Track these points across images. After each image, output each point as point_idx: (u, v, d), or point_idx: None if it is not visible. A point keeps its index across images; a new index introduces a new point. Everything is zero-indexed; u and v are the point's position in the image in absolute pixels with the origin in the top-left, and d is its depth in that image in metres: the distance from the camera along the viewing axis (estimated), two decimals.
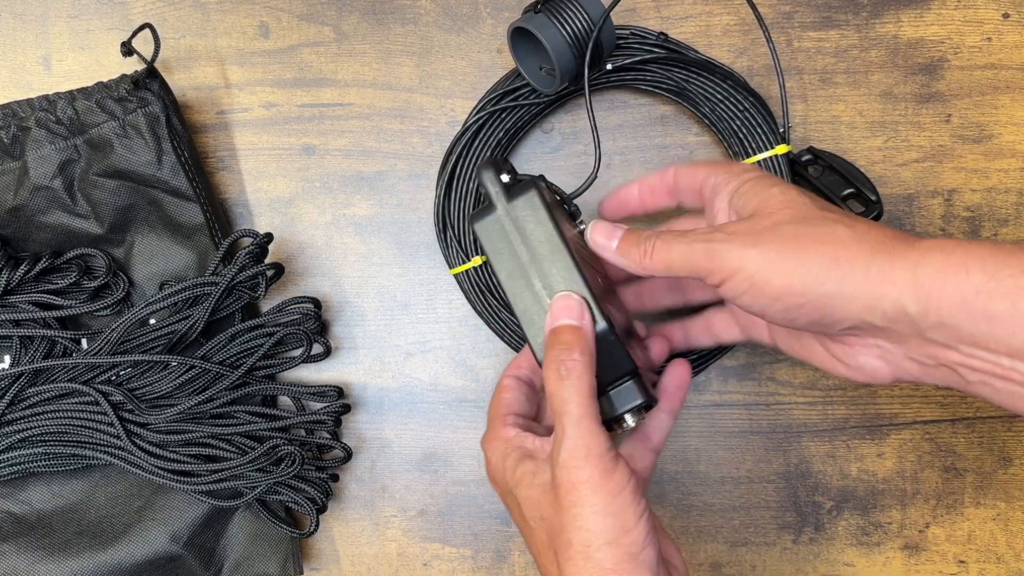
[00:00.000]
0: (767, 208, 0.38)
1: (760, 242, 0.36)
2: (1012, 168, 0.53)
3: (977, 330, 0.32)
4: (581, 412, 0.37)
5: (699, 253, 0.38)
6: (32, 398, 0.51)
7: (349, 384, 0.56)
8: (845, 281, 0.35)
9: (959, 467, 0.54)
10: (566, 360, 0.38)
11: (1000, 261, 0.32)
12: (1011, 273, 0.32)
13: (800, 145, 0.53)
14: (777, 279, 0.36)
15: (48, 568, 0.52)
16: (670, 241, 0.39)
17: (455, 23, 0.55)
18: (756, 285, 0.36)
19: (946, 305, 0.33)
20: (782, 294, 0.36)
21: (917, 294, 0.33)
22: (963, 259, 0.33)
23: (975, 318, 0.32)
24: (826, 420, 0.54)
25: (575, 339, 0.39)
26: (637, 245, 0.41)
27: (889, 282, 0.34)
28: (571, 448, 0.37)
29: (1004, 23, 0.53)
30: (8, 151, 0.51)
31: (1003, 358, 0.33)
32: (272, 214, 0.56)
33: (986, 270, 0.32)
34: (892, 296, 0.34)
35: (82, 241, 0.53)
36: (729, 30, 0.54)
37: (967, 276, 0.32)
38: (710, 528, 0.55)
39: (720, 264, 0.37)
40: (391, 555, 0.56)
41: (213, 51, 0.56)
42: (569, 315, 0.39)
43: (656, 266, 0.40)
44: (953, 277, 0.32)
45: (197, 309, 0.51)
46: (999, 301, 0.31)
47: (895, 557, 0.54)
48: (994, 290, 0.32)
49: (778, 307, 0.36)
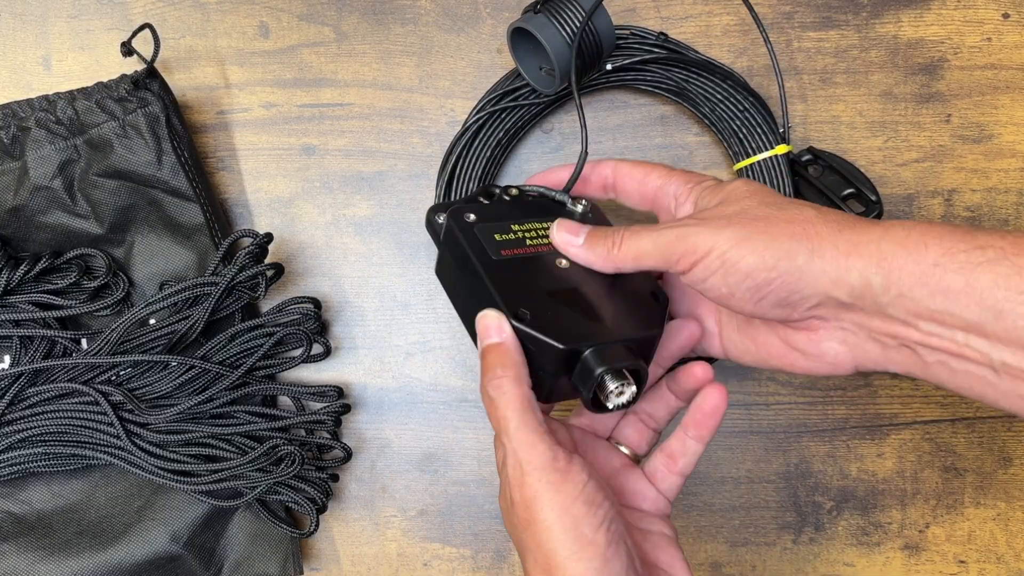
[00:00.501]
0: (732, 196, 0.39)
1: (731, 224, 0.37)
2: (1012, 168, 0.53)
3: (934, 304, 0.34)
4: (516, 425, 0.36)
5: (670, 238, 0.38)
6: (32, 398, 0.51)
7: (349, 384, 0.56)
8: (815, 253, 0.36)
9: (959, 467, 0.54)
10: (492, 380, 0.37)
11: (956, 238, 0.34)
12: (964, 249, 0.33)
13: (800, 145, 0.53)
14: (749, 255, 0.36)
15: (48, 568, 0.52)
16: (639, 231, 0.39)
17: (455, 23, 0.55)
18: (728, 263, 0.37)
19: (906, 278, 0.34)
20: (754, 270, 0.36)
21: (881, 265, 0.34)
22: (922, 236, 0.34)
23: (932, 292, 0.33)
24: (826, 420, 0.54)
25: (496, 356, 0.38)
26: (604, 238, 0.41)
27: (856, 254, 0.35)
28: (513, 464, 0.36)
29: (1004, 23, 0.53)
30: (8, 151, 0.51)
31: (958, 333, 0.34)
32: (272, 214, 0.56)
33: (943, 246, 0.34)
34: (859, 267, 0.35)
35: (82, 241, 0.53)
36: (729, 30, 0.54)
37: (925, 250, 0.34)
38: (710, 528, 0.55)
39: (692, 246, 0.37)
40: (391, 555, 0.56)
41: (213, 51, 0.56)
42: (487, 335, 0.39)
43: (625, 257, 0.40)
44: (913, 251, 0.34)
45: (197, 309, 0.51)
46: (953, 275, 0.33)
47: (895, 557, 0.54)
48: (948, 263, 0.33)
49: (748, 284, 0.37)
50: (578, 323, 0.40)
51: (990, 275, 0.32)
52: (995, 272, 0.32)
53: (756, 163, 0.51)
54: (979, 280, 0.33)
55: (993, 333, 0.33)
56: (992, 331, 0.33)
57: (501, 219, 0.44)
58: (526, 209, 0.45)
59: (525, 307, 0.40)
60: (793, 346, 0.40)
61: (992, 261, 0.33)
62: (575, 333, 0.39)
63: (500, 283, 0.41)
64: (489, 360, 0.38)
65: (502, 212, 0.45)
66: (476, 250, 0.42)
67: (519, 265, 0.42)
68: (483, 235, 0.43)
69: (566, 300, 0.41)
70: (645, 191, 0.44)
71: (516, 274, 0.42)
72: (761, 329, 0.41)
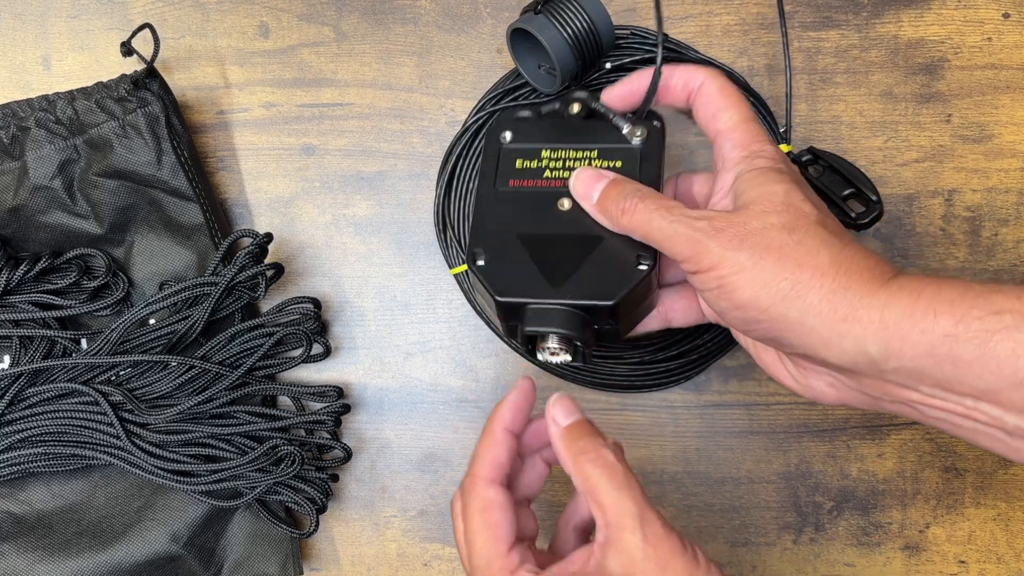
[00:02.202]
0: (763, 204, 0.37)
1: (743, 246, 0.35)
2: (1012, 168, 0.53)
3: (942, 374, 0.32)
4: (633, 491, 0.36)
5: (680, 237, 0.37)
6: (32, 398, 0.51)
7: (349, 384, 0.56)
8: (809, 312, 0.34)
9: (959, 467, 0.54)
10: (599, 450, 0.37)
11: (969, 303, 0.31)
12: (979, 316, 0.31)
13: (800, 145, 0.53)
14: (746, 289, 0.35)
15: (48, 568, 0.52)
16: (653, 210, 0.38)
17: (455, 23, 0.55)
18: (725, 288, 0.36)
19: (910, 349, 0.32)
20: (745, 305, 0.35)
21: (881, 336, 0.32)
22: (931, 302, 0.32)
23: (941, 362, 0.31)
24: (826, 420, 0.54)
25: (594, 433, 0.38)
26: (617, 201, 0.39)
27: (854, 320, 0.33)
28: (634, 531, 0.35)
29: (1004, 23, 0.53)
30: (8, 151, 0.51)
31: (967, 399, 0.32)
32: (272, 214, 0.56)
33: (955, 313, 0.31)
34: (855, 335, 0.33)
35: (82, 241, 0.53)
36: (729, 30, 0.54)
37: (935, 320, 0.31)
38: (710, 528, 0.55)
39: (698, 255, 0.36)
40: (391, 555, 0.56)
41: (213, 51, 0.56)
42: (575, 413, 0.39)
43: (631, 227, 0.39)
44: (920, 321, 0.32)
45: (197, 309, 0.51)
46: (966, 344, 0.31)
47: (895, 557, 0.54)
48: (962, 334, 0.31)
49: (738, 315, 0.36)
50: (529, 277, 0.40)
51: (1009, 343, 0.30)
52: (1014, 340, 0.30)
53: None
54: (996, 349, 0.30)
55: (1009, 402, 0.31)
56: (1008, 400, 0.31)
57: (538, 140, 0.43)
58: (578, 129, 0.44)
59: (487, 249, 0.40)
60: (784, 366, 0.40)
61: (1010, 328, 0.30)
62: (518, 287, 0.39)
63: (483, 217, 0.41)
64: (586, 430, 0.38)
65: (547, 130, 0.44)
66: (487, 175, 0.42)
67: (517, 200, 0.42)
68: (506, 159, 0.43)
69: (539, 248, 0.41)
70: (711, 126, 0.41)
71: (507, 209, 0.42)
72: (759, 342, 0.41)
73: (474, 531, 0.37)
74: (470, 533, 0.37)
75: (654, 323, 0.45)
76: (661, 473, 0.55)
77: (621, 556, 0.35)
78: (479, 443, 0.39)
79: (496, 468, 0.38)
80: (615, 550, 0.35)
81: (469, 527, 0.38)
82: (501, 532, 0.37)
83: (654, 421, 0.55)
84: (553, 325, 0.39)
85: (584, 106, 0.44)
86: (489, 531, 0.37)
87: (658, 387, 0.53)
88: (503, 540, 0.37)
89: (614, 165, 0.43)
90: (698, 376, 0.54)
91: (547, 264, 0.40)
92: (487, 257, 0.40)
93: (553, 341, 0.40)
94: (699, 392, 0.55)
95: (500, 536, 0.37)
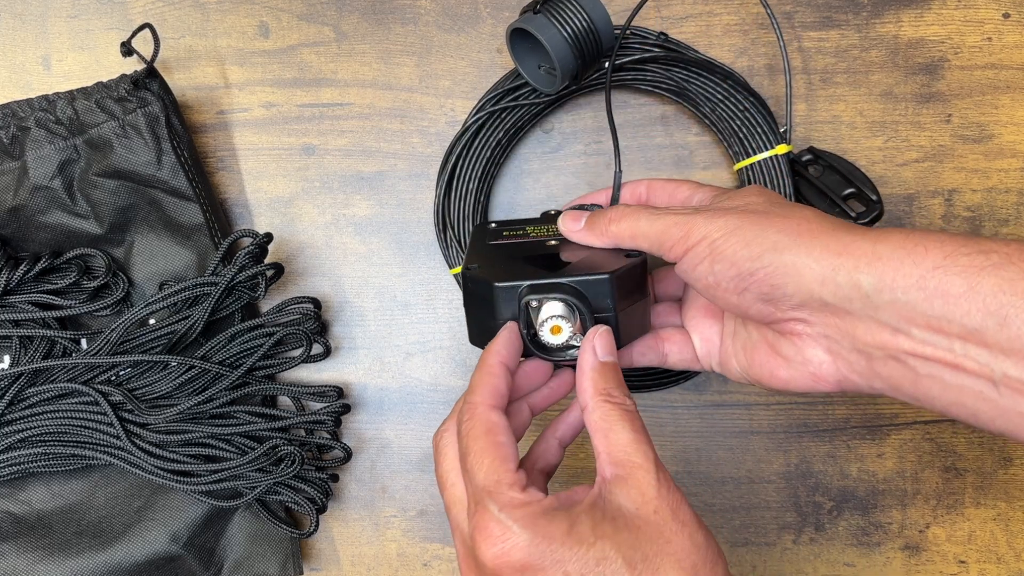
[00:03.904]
0: (740, 194, 0.40)
1: (727, 215, 0.38)
2: (1012, 168, 0.53)
3: (932, 309, 0.32)
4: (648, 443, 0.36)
5: (668, 223, 0.39)
6: (32, 398, 0.51)
7: (349, 384, 0.56)
8: (803, 249, 0.35)
9: (959, 467, 0.54)
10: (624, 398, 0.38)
11: (958, 243, 0.33)
12: (967, 252, 0.32)
13: (801, 145, 0.53)
14: (737, 243, 0.36)
15: (48, 568, 0.52)
16: (639, 211, 0.41)
17: (455, 23, 0.55)
18: (716, 250, 0.37)
19: (902, 280, 0.33)
20: (739, 258, 0.36)
21: (874, 266, 0.34)
22: (922, 239, 0.33)
23: (930, 296, 0.32)
24: (826, 420, 0.54)
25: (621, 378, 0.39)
26: (603, 215, 0.42)
27: (847, 253, 0.34)
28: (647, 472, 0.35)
29: (1004, 23, 0.53)
30: (7, 151, 0.51)
31: (956, 342, 0.32)
32: (272, 214, 0.56)
33: (944, 249, 0.32)
34: (848, 267, 0.34)
35: (82, 241, 0.53)
36: (729, 30, 0.54)
37: (925, 252, 0.33)
38: (710, 528, 0.55)
39: (686, 233, 0.38)
40: (391, 555, 0.56)
41: (213, 51, 0.56)
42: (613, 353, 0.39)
43: (621, 232, 0.41)
44: (912, 252, 0.33)
45: (197, 309, 0.51)
46: (955, 277, 0.32)
47: (895, 557, 0.54)
48: (950, 267, 0.32)
49: (732, 273, 0.37)
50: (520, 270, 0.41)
51: (994, 279, 0.31)
52: (1000, 276, 0.31)
53: (756, 163, 0.51)
54: (983, 284, 0.31)
55: (995, 342, 0.31)
56: (994, 339, 0.31)
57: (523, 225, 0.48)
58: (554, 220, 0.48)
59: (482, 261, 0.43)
60: (778, 351, 0.39)
61: (996, 265, 0.31)
62: (515, 275, 0.40)
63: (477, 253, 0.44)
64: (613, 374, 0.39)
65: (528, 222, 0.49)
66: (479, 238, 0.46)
67: (508, 246, 0.45)
68: (492, 233, 0.48)
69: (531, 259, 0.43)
70: (674, 201, 0.46)
71: (499, 250, 0.45)
72: (753, 333, 0.41)
73: (480, 452, 0.36)
74: (476, 454, 0.36)
75: (651, 355, 0.46)
76: None
77: (632, 492, 0.34)
78: (474, 376, 0.39)
79: (497, 396, 0.38)
80: (626, 486, 0.35)
81: (473, 449, 0.36)
82: (507, 452, 0.36)
83: (654, 421, 0.55)
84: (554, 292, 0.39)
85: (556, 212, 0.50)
86: (497, 450, 0.36)
87: (658, 387, 0.53)
88: (511, 459, 0.36)
89: None
90: (698, 376, 0.54)
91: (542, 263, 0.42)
92: (482, 264, 0.42)
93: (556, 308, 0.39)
94: (699, 392, 0.55)
95: (507, 456, 0.36)
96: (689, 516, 0.35)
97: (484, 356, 0.39)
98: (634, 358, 0.46)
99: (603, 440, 0.36)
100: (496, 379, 0.38)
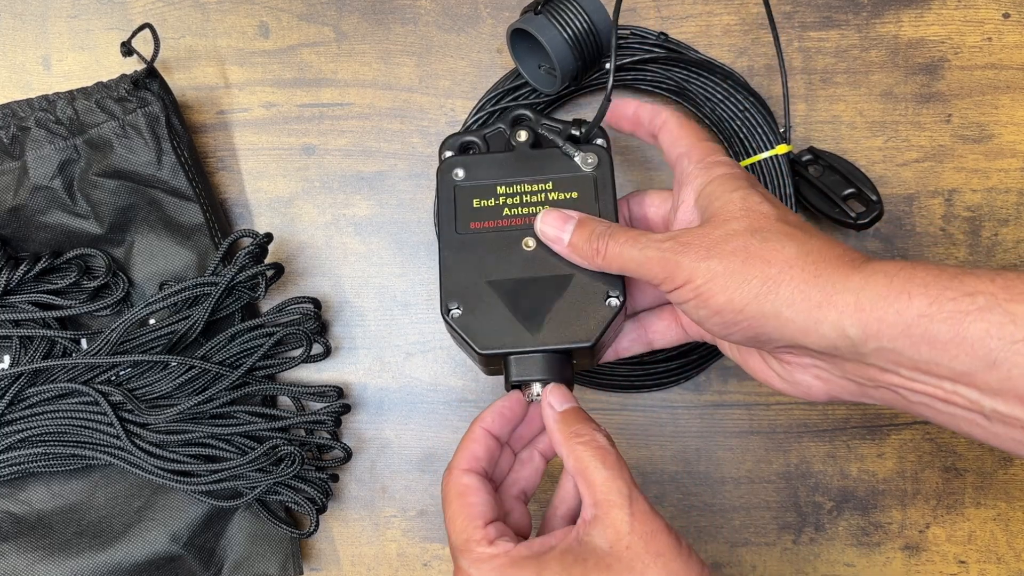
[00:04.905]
0: (724, 214, 0.38)
1: (711, 255, 0.37)
2: (1012, 168, 0.53)
3: (919, 355, 0.32)
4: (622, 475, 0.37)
5: (653, 261, 0.38)
6: (32, 398, 0.51)
7: (349, 384, 0.56)
8: (783, 303, 0.35)
9: (959, 467, 0.54)
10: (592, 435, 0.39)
11: (943, 285, 0.32)
12: (952, 297, 0.31)
13: (800, 145, 0.53)
14: (720, 294, 0.36)
15: (48, 568, 0.52)
16: (623, 243, 0.39)
17: (455, 23, 0.55)
18: (701, 297, 0.37)
19: (887, 329, 0.32)
20: (722, 309, 0.36)
21: (858, 317, 0.33)
22: (906, 284, 0.32)
23: (917, 343, 0.32)
24: (826, 420, 0.54)
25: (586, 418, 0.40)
26: (589, 242, 0.41)
27: (830, 305, 0.34)
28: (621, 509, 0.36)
29: (1004, 23, 0.53)
30: (8, 151, 0.51)
31: (945, 382, 0.32)
32: (272, 214, 0.56)
33: (928, 295, 0.32)
34: (831, 319, 0.34)
35: (82, 241, 0.53)
36: (729, 30, 0.54)
37: (909, 301, 0.32)
38: (710, 528, 0.55)
39: (671, 273, 0.37)
40: (391, 555, 0.56)
41: (213, 51, 0.56)
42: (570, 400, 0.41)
43: (609, 265, 0.40)
44: (895, 302, 0.32)
45: (197, 309, 0.51)
46: (941, 325, 0.31)
47: (895, 557, 0.54)
48: (936, 314, 0.31)
49: (717, 320, 0.37)
50: (507, 326, 0.42)
51: (982, 324, 0.30)
52: (987, 321, 0.30)
53: (756, 163, 0.51)
54: (969, 330, 0.31)
55: (985, 383, 0.31)
56: (984, 381, 0.31)
57: (491, 176, 0.45)
58: (528, 161, 0.45)
59: (460, 300, 0.42)
60: (769, 365, 0.40)
61: (983, 309, 0.31)
62: (498, 338, 0.41)
63: (451, 266, 0.43)
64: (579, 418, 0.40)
65: (497, 165, 0.45)
66: (446, 217, 0.44)
67: (481, 244, 0.43)
68: (462, 199, 0.44)
69: (511, 293, 0.42)
70: (672, 152, 0.44)
71: (472, 254, 0.43)
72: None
73: (453, 514, 0.39)
74: (450, 517, 0.39)
75: (637, 347, 0.47)
76: (661, 473, 0.55)
77: (607, 531, 0.36)
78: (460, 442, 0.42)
79: (471, 460, 0.41)
80: (602, 525, 0.36)
81: (448, 512, 0.40)
82: (476, 511, 0.39)
83: (654, 421, 0.55)
84: (537, 373, 0.42)
85: (531, 133, 0.46)
86: (465, 511, 0.39)
87: (658, 387, 0.53)
88: (479, 517, 0.39)
89: (570, 196, 0.44)
90: (698, 376, 0.54)
91: (521, 309, 0.42)
92: (462, 309, 0.42)
93: (538, 387, 0.42)
94: (699, 392, 0.55)
95: (475, 514, 0.39)
96: (666, 545, 0.36)
97: (473, 421, 0.42)
98: (620, 353, 0.47)
99: (583, 483, 0.38)
100: (474, 444, 0.41)
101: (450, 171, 0.45)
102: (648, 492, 0.54)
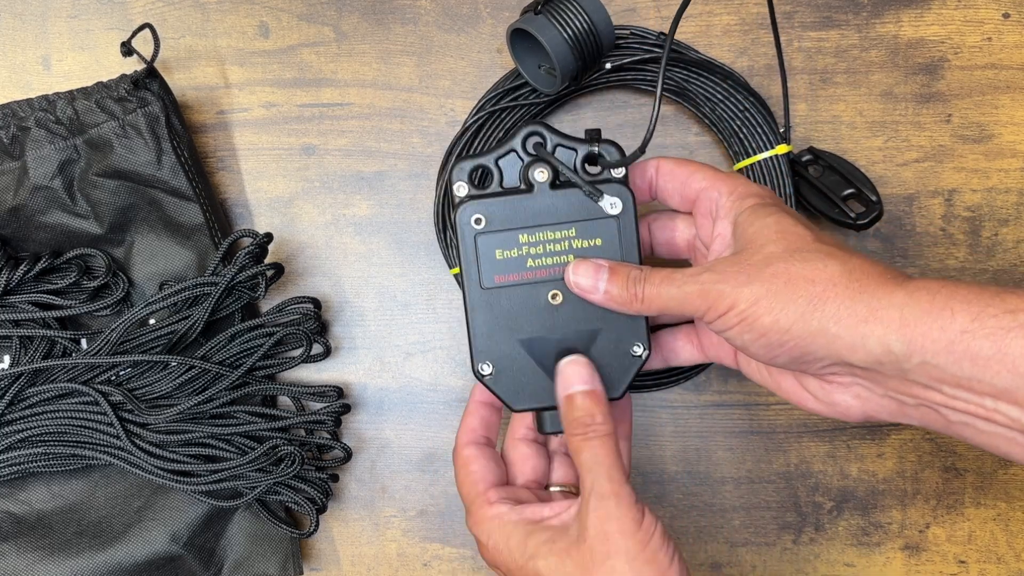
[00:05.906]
0: (760, 239, 0.38)
1: (752, 279, 0.37)
2: (1012, 168, 0.53)
3: (961, 371, 0.32)
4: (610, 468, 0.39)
5: (693, 295, 0.38)
6: (32, 398, 0.51)
7: (349, 384, 0.56)
8: (830, 319, 0.35)
9: (959, 467, 0.54)
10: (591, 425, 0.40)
11: (984, 302, 0.32)
12: (994, 314, 0.32)
13: (801, 145, 0.53)
14: (766, 316, 0.36)
15: (48, 568, 0.52)
16: (659, 284, 0.40)
17: (455, 23, 0.55)
18: (745, 321, 0.37)
19: (931, 345, 0.33)
20: (768, 331, 0.36)
21: (903, 332, 0.33)
22: (948, 300, 0.33)
23: (959, 359, 0.32)
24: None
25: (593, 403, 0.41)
26: (625, 289, 0.41)
27: (876, 320, 0.34)
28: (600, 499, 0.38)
29: (1004, 23, 0.53)
30: (8, 151, 0.51)
31: (986, 399, 0.33)
32: (272, 214, 0.56)
33: (971, 311, 0.32)
34: (877, 334, 0.34)
35: (82, 241, 0.53)
36: (729, 30, 0.54)
37: (952, 317, 0.33)
38: (710, 528, 0.55)
39: (714, 302, 0.37)
40: (391, 555, 0.56)
41: (213, 51, 0.56)
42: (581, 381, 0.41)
43: (648, 308, 0.40)
44: (939, 318, 0.33)
45: (197, 309, 0.51)
46: (983, 341, 0.32)
47: (895, 557, 0.54)
48: (978, 330, 0.32)
49: (762, 343, 0.37)
50: (538, 382, 0.43)
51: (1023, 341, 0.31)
52: None
53: (756, 163, 0.51)
54: (1011, 347, 0.31)
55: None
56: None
57: (512, 223, 0.43)
58: (549, 203, 0.43)
59: (492, 359, 0.43)
60: (805, 387, 0.40)
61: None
62: (531, 396, 0.44)
63: (479, 325, 0.43)
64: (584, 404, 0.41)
65: (517, 211, 0.43)
66: (469, 271, 0.43)
67: (508, 298, 0.43)
68: (484, 249, 0.43)
69: (539, 351, 0.43)
70: (687, 193, 0.43)
71: (500, 312, 0.43)
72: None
73: (460, 483, 0.44)
74: (458, 487, 0.44)
75: (653, 363, 0.47)
76: (661, 473, 0.55)
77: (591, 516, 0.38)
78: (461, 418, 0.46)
79: (470, 433, 0.45)
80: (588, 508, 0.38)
81: (457, 484, 0.44)
82: (476, 477, 0.43)
83: (654, 421, 0.55)
84: None
85: (551, 171, 0.43)
86: (469, 478, 0.43)
87: (658, 387, 0.53)
88: (480, 482, 0.43)
89: (595, 243, 0.43)
90: (698, 376, 0.54)
91: (551, 367, 0.43)
92: (494, 369, 0.44)
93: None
94: (699, 392, 0.55)
95: (478, 480, 0.43)
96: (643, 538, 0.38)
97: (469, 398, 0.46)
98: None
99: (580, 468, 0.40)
100: (470, 417, 0.46)
101: (469, 219, 0.43)
102: (648, 492, 0.54)
